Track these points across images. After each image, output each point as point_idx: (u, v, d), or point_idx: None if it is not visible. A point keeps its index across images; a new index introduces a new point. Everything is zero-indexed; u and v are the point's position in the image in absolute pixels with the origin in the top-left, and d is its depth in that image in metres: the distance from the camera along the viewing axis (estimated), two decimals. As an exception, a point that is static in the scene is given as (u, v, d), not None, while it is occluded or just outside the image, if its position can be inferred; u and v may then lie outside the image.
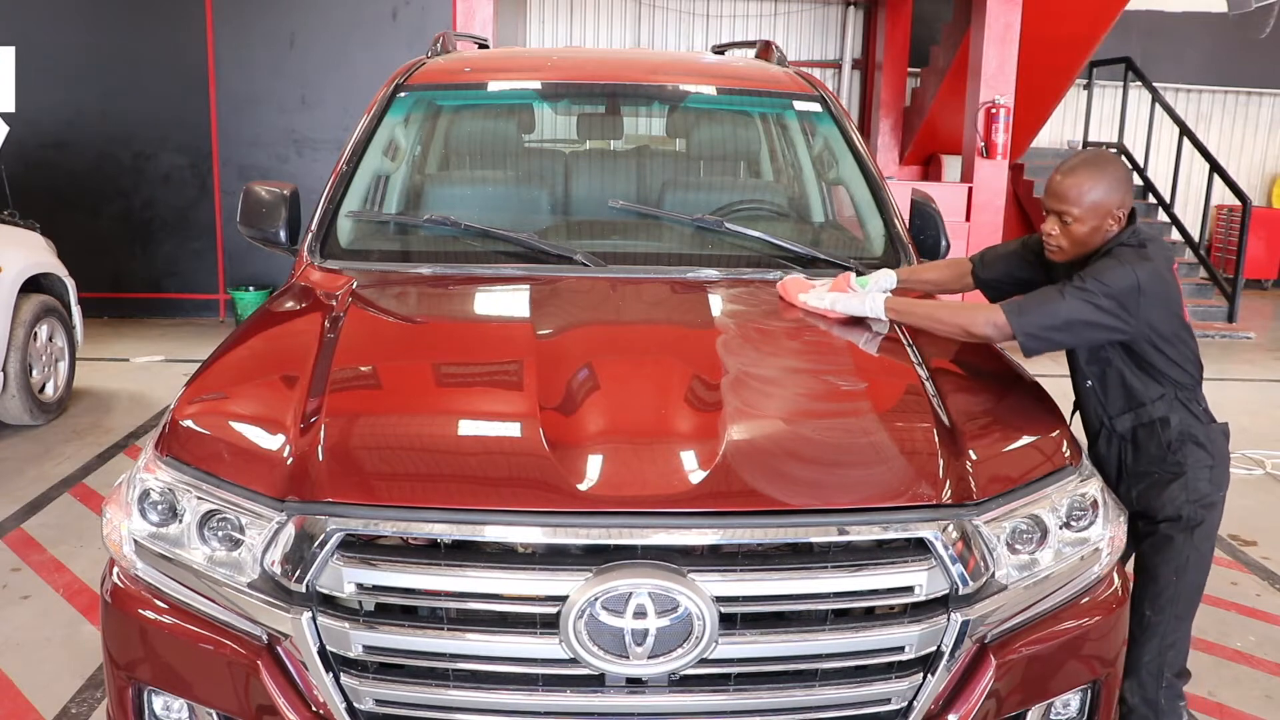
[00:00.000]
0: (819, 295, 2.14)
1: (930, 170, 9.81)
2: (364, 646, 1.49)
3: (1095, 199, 1.96)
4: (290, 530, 1.50)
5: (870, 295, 2.08)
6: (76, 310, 5.05)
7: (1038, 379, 2.03)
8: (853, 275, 2.19)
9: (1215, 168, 8.49)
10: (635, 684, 1.51)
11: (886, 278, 2.20)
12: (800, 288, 2.18)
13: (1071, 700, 1.74)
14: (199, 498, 1.59)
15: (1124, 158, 9.90)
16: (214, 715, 1.61)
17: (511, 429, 1.66)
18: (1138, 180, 9.65)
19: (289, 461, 1.57)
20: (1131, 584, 2.09)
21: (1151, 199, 9.36)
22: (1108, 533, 1.75)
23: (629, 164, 2.96)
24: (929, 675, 1.56)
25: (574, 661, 1.47)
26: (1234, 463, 2.48)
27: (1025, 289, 2.09)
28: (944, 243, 2.57)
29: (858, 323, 2.11)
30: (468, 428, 1.71)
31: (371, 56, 6.90)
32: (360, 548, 1.49)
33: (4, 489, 3.94)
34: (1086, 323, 1.90)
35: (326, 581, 1.48)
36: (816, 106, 2.88)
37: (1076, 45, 7.74)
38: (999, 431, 1.79)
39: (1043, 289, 1.98)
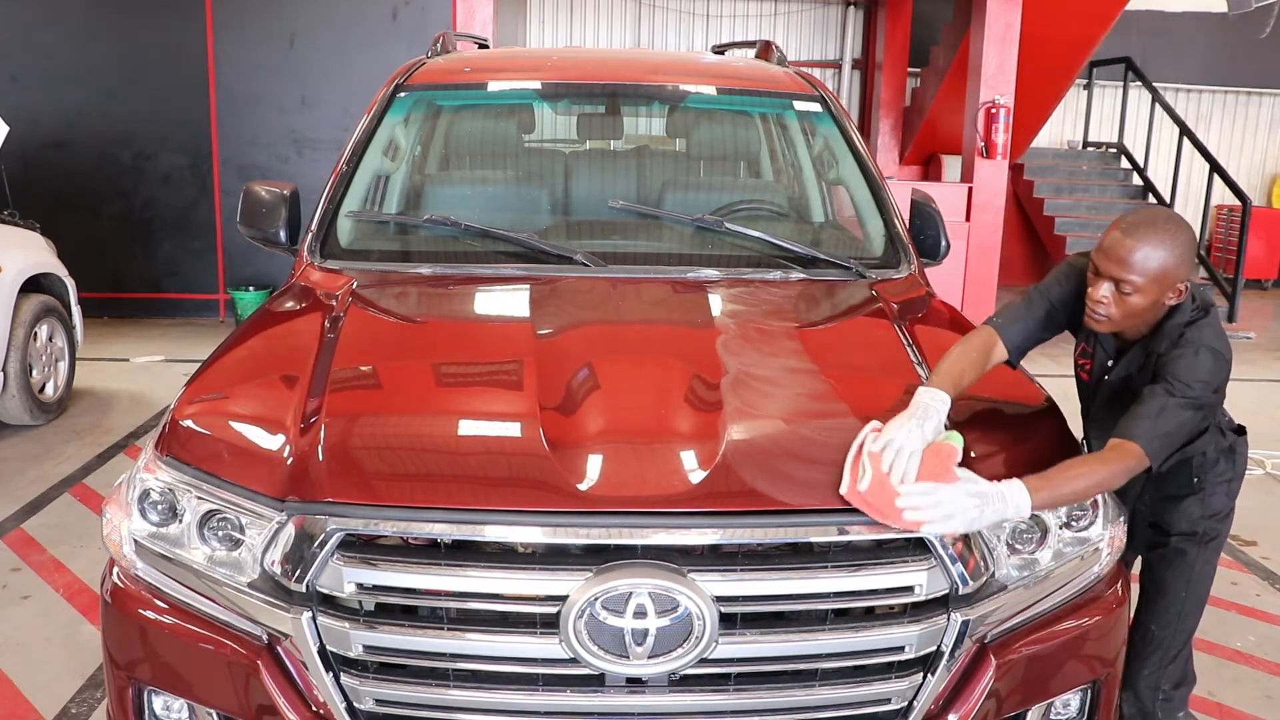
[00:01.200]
0: (934, 504, 1.49)
1: (930, 170, 9.82)
2: (364, 646, 1.49)
3: (1164, 269, 1.74)
4: (290, 530, 1.50)
5: (1011, 496, 1.54)
6: (76, 310, 5.05)
7: (1037, 378, 2.03)
8: (956, 447, 1.58)
9: (1215, 168, 8.50)
10: (635, 684, 1.50)
11: (942, 403, 1.65)
12: (885, 494, 1.50)
13: (1071, 700, 1.74)
14: (199, 498, 1.59)
15: (1124, 158, 9.91)
16: (214, 715, 1.61)
17: (512, 429, 1.66)
18: (1138, 180, 9.66)
19: (289, 461, 1.57)
20: (1136, 595, 2.08)
21: (1151, 199, 9.38)
22: (1108, 532, 1.75)
23: (629, 164, 2.96)
24: (929, 675, 1.56)
25: (574, 661, 1.46)
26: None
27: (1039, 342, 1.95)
28: (944, 243, 2.56)
29: (858, 322, 2.10)
30: (468, 428, 1.71)
31: (371, 56, 6.90)
32: (360, 547, 1.49)
33: (4, 489, 3.94)
34: (1200, 424, 1.82)
35: (326, 581, 1.48)
36: (816, 106, 2.88)
37: (1076, 45, 7.75)
38: (999, 431, 1.79)
39: (1150, 401, 1.74)
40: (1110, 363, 1.97)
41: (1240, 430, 2.08)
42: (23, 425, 4.66)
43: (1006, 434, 1.77)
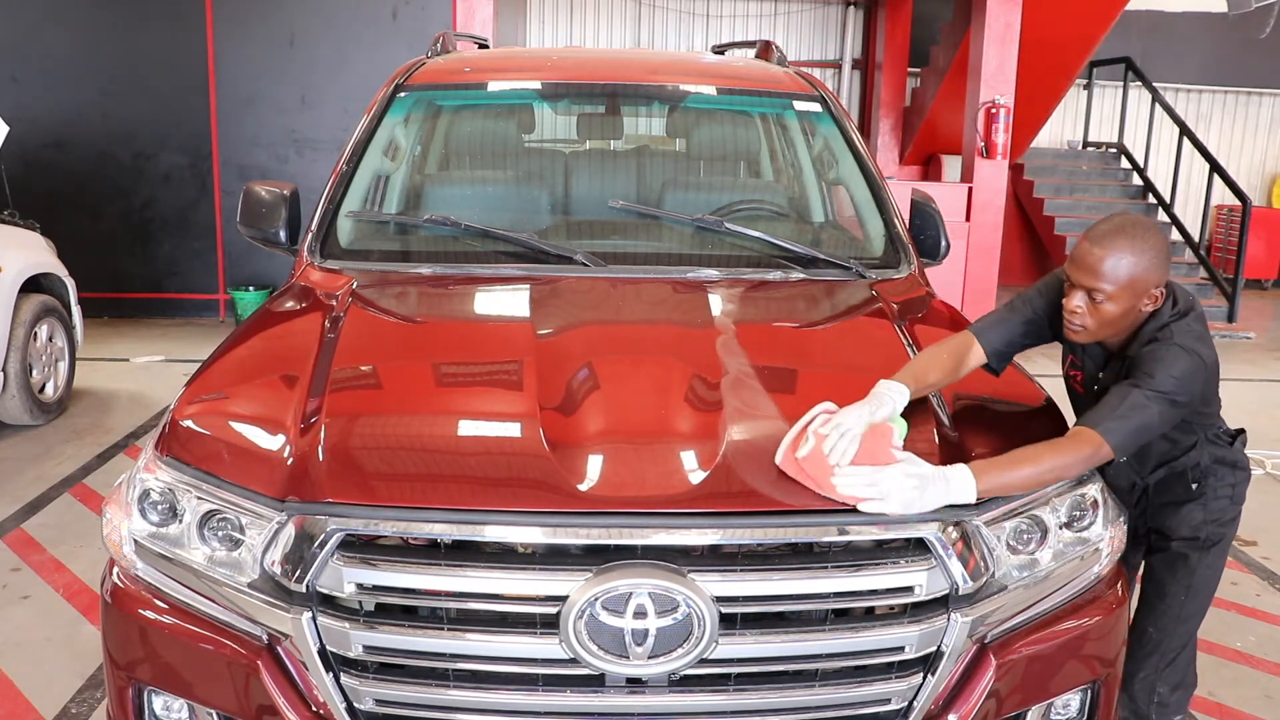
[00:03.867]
0: (869, 484, 1.50)
1: (930, 170, 9.82)
2: (364, 646, 1.48)
3: (1133, 276, 1.73)
4: (290, 530, 1.50)
5: (955, 479, 1.53)
6: (76, 310, 5.05)
7: (1037, 378, 2.03)
8: (894, 430, 1.62)
9: (1215, 168, 8.50)
10: (635, 684, 1.50)
11: (903, 399, 1.69)
12: (821, 466, 1.52)
13: (1072, 700, 1.74)
14: (199, 498, 1.59)
15: (1124, 158, 9.91)
16: (214, 715, 1.61)
17: (512, 429, 1.66)
18: (1138, 181, 9.65)
19: (289, 461, 1.57)
20: (1136, 597, 2.08)
21: (1151, 199, 9.38)
22: (1108, 533, 1.75)
23: (629, 164, 2.96)
24: (929, 675, 1.56)
25: (574, 661, 1.46)
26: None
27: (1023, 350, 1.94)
28: (944, 243, 2.56)
29: (858, 322, 2.10)
30: (468, 428, 1.71)
31: (371, 56, 6.90)
32: (360, 548, 1.49)
33: (4, 489, 3.94)
34: (1169, 421, 1.76)
35: (326, 581, 1.48)
36: (816, 106, 2.88)
37: (1076, 45, 7.75)
38: (999, 431, 1.79)
39: (1117, 393, 1.73)
40: (1100, 373, 1.95)
41: (1238, 434, 2.05)
42: (23, 425, 4.66)
43: (1005, 433, 1.77)
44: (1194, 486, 1.99)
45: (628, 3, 10.19)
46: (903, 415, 1.69)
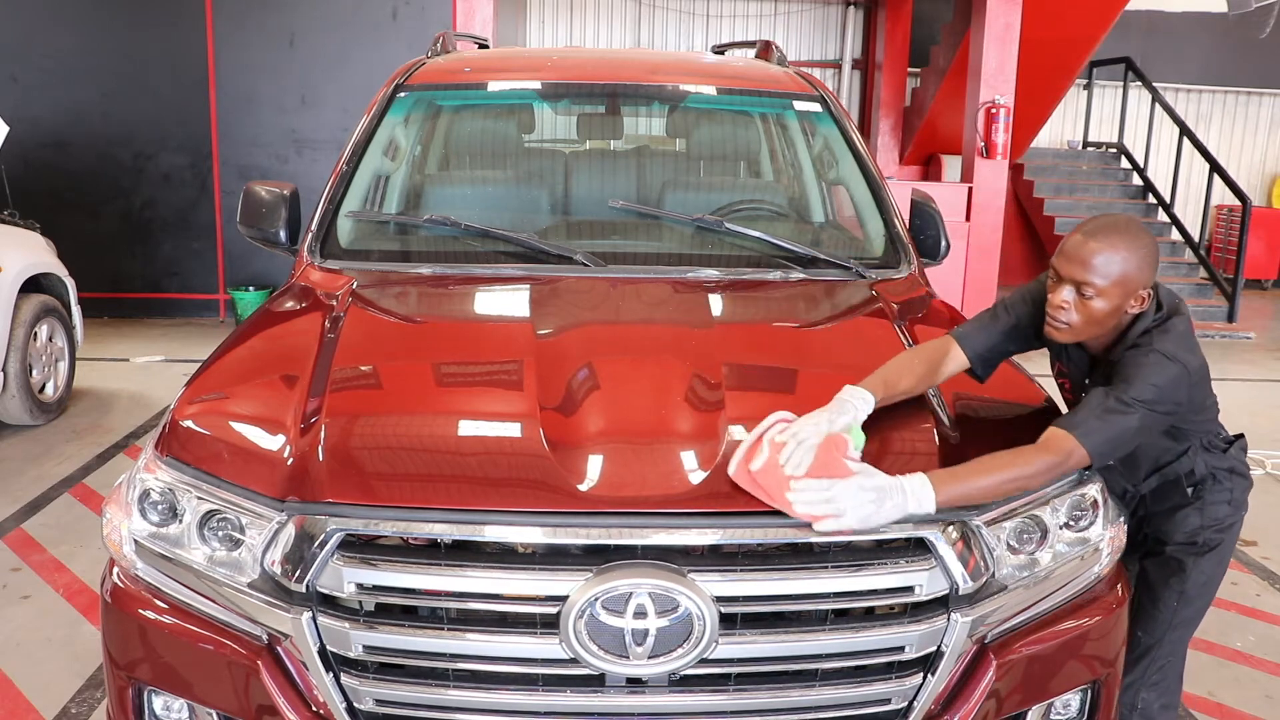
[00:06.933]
0: (826, 500, 1.47)
1: (930, 170, 9.82)
2: (364, 646, 1.48)
3: (1124, 273, 1.69)
4: (290, 530, 1.50)
5: (911, 489, 1.50)
6: (76, 310, 5.04)
7: (1036, 378, 2.02)
8: (849, 441, 1.58)
9: (1215, 168, 8.50)
10: (635, 684, 1.50)
11: (865, 405, 1.66)
12: (777, 479, 1.49)
13: (1072, 700, 1.74)
14: (199, 498, 1.59)
15: (1124, 158, 9.91)
16: (214, 715, 1.61)
17: (512, 429, 1.66)
18: (1138, 181, 9.65)
19: (289, 462, 1.57)
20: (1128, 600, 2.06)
21: (1151, 199, 9.37)
22: (1108, 533, 1.75)
23: (629, 164, 2.96)
24: (929, 675, 1.56)
25: (574, 661, 1.46)
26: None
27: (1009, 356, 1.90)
28: (944, 243, 2.56)
29: (858, 322, 2.10)
30: (468, 428, 1.71)
31: (371, 56, 6.90)
32: (360, 548, 1.49)
33: (4, 489, 3.94)
34: (1150, 429, 1.70)
35: (327, 581, 1.48)
36: (816, 106, 2.88)
37: (1076, 45, 7.75)
38: (998, 431, 1.79)
39: (1094, 397, 1.68)
40: (1085, 379, 1.92)
41: (1236, 439, 2.00)
42: (23, 425, 4.66)
43: (1004, 433, 1.77)
44: (1190, 492, 1.95)
45: (628, 3, 10.19)
46: (896, 408, 1.69)
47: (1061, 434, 1.62)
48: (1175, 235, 9.06)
